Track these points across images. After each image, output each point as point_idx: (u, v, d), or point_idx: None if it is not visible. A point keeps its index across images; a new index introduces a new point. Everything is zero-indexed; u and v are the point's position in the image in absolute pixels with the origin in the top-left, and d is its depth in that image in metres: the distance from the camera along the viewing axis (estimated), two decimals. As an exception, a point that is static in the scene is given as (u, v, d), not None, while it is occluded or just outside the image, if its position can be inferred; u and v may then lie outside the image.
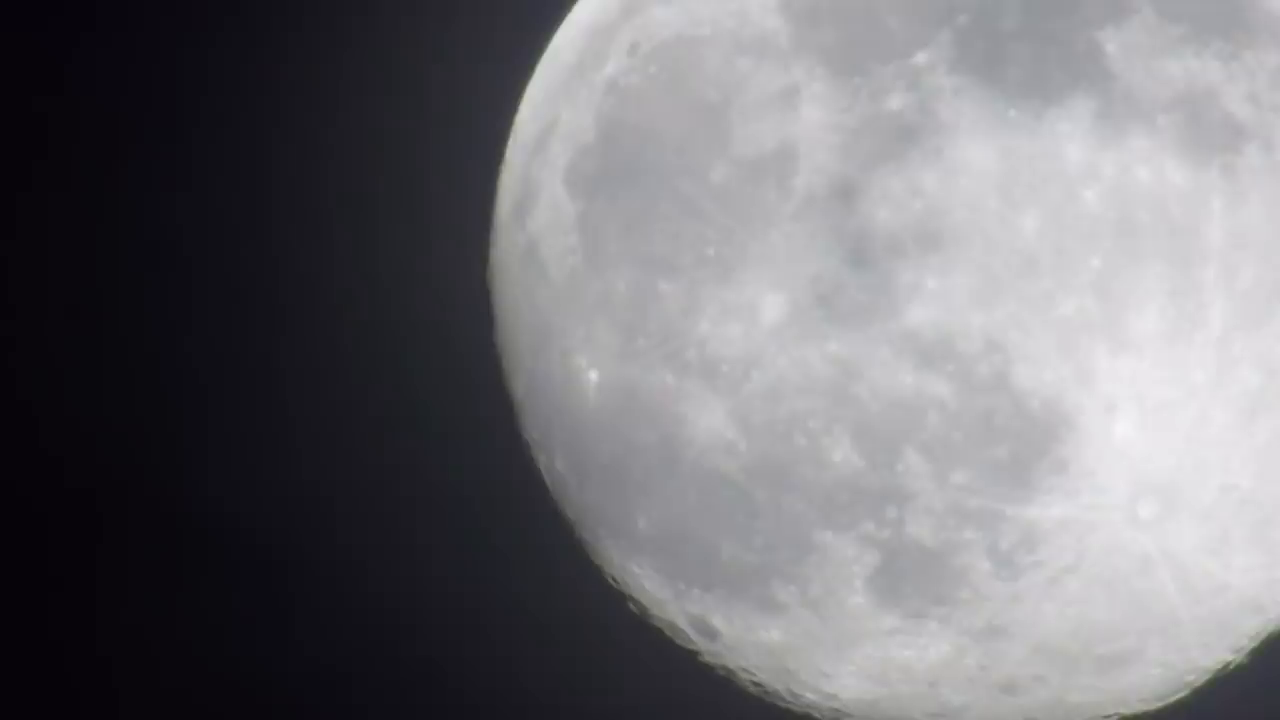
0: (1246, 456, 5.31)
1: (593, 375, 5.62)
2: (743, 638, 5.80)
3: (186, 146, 8.26)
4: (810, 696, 5.95)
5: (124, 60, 8.23)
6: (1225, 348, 5.20)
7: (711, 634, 5.87)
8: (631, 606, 6.10)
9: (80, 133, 8.29)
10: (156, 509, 8.34)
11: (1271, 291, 5.23)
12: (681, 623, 5.93)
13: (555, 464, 6.00)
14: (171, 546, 8.38)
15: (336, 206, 8.23)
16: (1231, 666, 5.96)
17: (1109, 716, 6.00)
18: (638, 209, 5.45)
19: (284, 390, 8.33)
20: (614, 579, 6.09)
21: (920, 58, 5.21)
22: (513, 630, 8.25)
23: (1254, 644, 5.92)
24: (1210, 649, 5.77)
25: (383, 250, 8.19)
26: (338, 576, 8.33)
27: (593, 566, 6.16)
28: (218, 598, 8.37)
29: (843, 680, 5.79)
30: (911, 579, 5.38)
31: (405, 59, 8.14)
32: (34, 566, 8.43)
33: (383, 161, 8.17)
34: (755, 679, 6.02)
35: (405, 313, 8.14)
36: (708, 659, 6.06)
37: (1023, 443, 5.17)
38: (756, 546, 5.48)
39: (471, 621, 8.28)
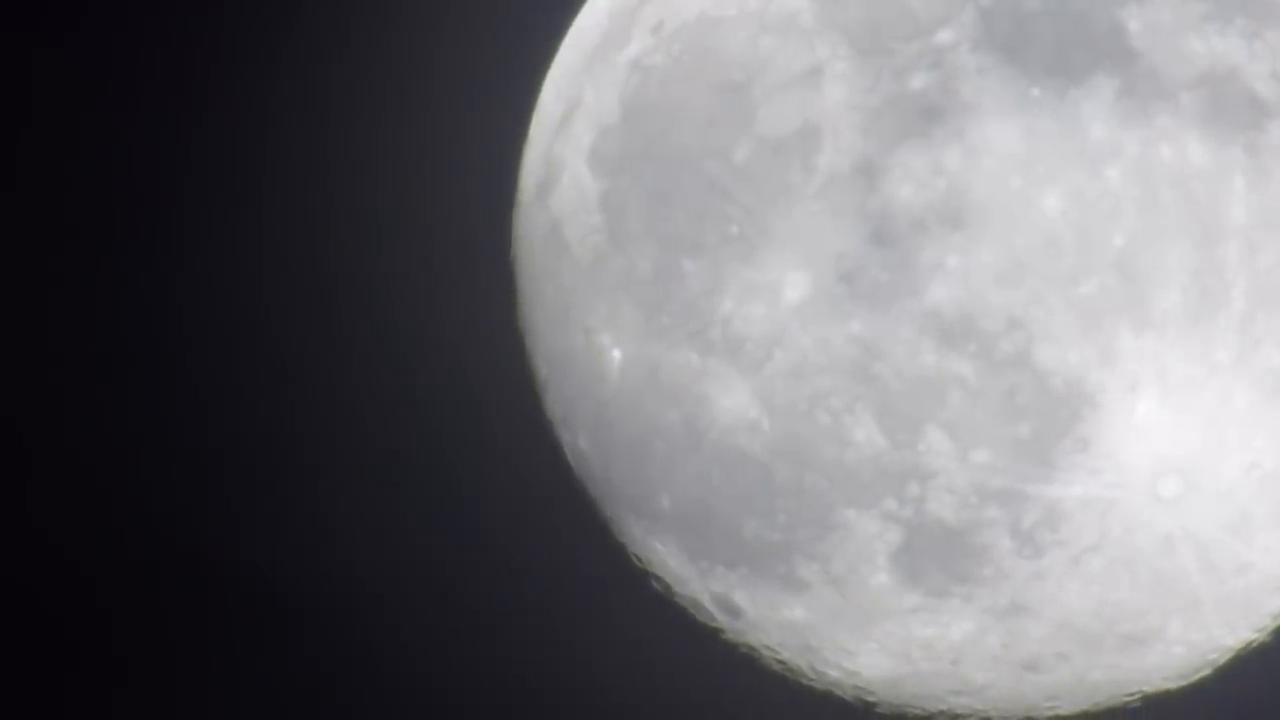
0: (1269, 435, 5.30)
1: (616, 354, 5.64)
2: (766, 615, 5.81)
3: (197, 133, 8.29)
4: (833, 674, 5.96)
5: (129, 58, 8.25)
6: (1248, 326, 5.20)
7: (735, 612, 5.89)
8: (655, 584, 6.11)
9: (80, 133, 8.31)
10: (158, 494, 8.38)
11: (1294, 270, 5.23)
12: (705, 601, 5.95)
13: (578, 443, 6.02)
14: (183, 539, 8.40)
15: (358, 188, 8.24)
16: (1254, 645, 5.96)
17: (1131, 695, 6.00)
18: (661, 188, 5.46)
19: (307, 371, 8.35)
20: (637, 557, 6.11)
21: (943, 36, 5.20)
22: (536, 608, 8.27)
23: (1277, 622, 5.91)
24: (1233, 628, 5.77)
25: (407, 231, 8.21)
26: (353, 559, 8.36)
27: (616, 544, 6.18)
28: (221, 593, 8.39)
29: (865, 658, 5.80)
30: (934, 557, 5.39)
31: (429, 39, 8.14)
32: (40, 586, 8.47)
33: (406, 143, 8.18)
34: (778, 656, 6.03)
35: (429, 293, 8.16)
36: (731, 637, 6.07)
37: (1045, 421, 5.17)
38: (779, 524, 5.49)
39: (494, 600, 8.30)
